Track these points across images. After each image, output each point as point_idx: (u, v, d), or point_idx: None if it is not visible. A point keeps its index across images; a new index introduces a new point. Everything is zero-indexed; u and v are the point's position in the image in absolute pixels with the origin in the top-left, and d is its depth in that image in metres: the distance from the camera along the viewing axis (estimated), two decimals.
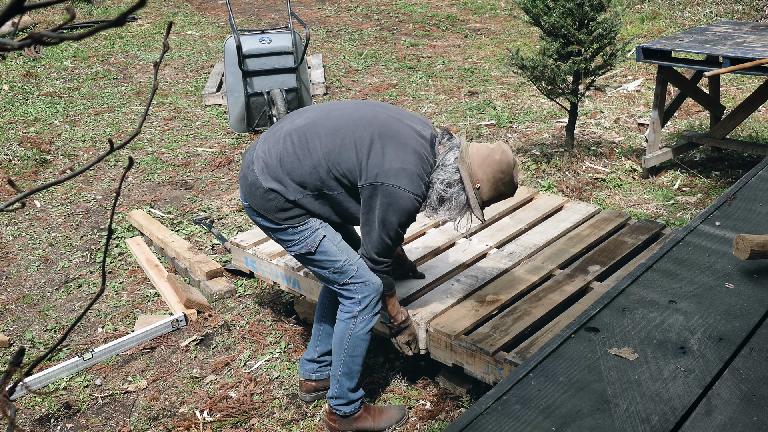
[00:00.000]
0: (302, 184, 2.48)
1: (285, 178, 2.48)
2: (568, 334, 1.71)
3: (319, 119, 2.53)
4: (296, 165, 2.47)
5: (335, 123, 2.50)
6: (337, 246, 2.58)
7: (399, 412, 2.84)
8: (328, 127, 2.49)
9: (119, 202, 5.02)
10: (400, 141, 2.43)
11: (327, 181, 2.47)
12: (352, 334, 2.63)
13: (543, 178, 4.98)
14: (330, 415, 2.78)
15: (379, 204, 2.41)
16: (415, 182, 2.40)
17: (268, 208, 2.53)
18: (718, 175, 4.96)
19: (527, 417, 1.42)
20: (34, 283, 4.06)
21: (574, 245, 3.33)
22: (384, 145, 2.41)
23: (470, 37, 9.43)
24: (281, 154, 2.50)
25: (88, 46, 9.66)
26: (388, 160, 2.39)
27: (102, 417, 2.98)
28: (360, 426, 2.76)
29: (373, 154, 2.40)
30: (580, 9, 4.57)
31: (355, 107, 2.58)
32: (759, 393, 1.47)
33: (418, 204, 2.45)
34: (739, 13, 9.07)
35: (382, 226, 2.44)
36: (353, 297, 2.60)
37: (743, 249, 1.94)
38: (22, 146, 6.03)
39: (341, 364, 2.67)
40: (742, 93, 6.47)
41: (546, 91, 4.92)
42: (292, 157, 2.48)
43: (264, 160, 2.52)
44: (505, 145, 2.49)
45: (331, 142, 2.45)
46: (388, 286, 2.63)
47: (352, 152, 2.42)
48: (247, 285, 3.90)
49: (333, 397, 2.73)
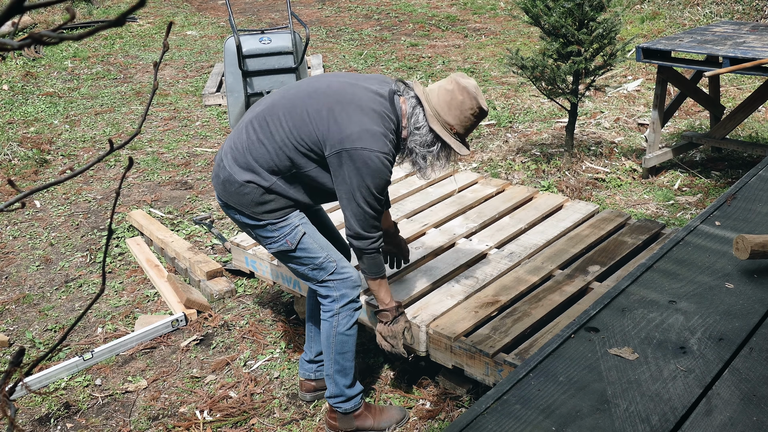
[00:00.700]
0: (273, 169, 2.45)
1: (256, 166, 2.45)
2: (568, 334, 1.71)
3: (276, 101, 2.52)
4: (263, 151, 2.45)
5: (291, 101, 2.48)
6: (317, 243, 2.57)
7: (400, 412, 2.83)
8: (285, 107, 2.47)
9: (119, 202, 5.02)
10: (357, 104, 2.40)
11: (296, 160, 2.44)
12: (337, 332, 2.62)
13: (543, 178, 4.98)
14: (330, 413, 2.78)
15: (349, 171, 2.36)
16: (380, 141, 2.37)
17: (245, 203, 2.49)
18: (718, 175, 4.96)
19: (527, 417, 1.42)
20: (34, 283, 4.06)
21: (574, 245, 3.33)
22: (341, 111, 2.38)
23: (470, 37, 9.43)
24: (247, 144, 2.48)
25: (88, 46, 9.66)
26: (348, 125, 2.36)
27: (102, 417, 2.98)
28: (360, 424, 2.76)
29: (332, 123, 2.37)
30: (580, 9, 4.57)
31: (309, 82, 2.56)
32: (759, 393, 1.47)
33: (389, 163, 2.40)
34: (739, 13, 9.07)
35: (358, 194, 2.38)
36: (331, 295, 2.59)
37: (743, 249, 1.94)
38: (22, 146, 6.03)
39: (332, 363, 2.67)
40: (742, 93, 6.47)
41: (546, 91, 4.92)
42: (257, 144, 2.46)
43: (232, 155, 2.50)
44: (461, 78, 2.45)
45: (290, 120, 2.43)
46: (378, 267, 2.53)
47: (311, 125, 2.40)
48: (247, 285, 3.89)
49: (332, 396, 2.73)
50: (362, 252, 2.49)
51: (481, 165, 5.32)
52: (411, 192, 3.98)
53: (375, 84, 2.50)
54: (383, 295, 2.60)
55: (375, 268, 2.52)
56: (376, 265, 2.52)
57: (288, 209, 2.53)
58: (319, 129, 2.39)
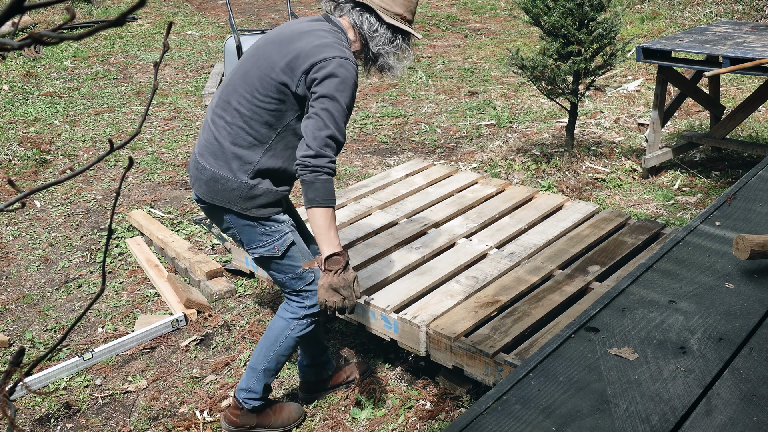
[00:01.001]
0: (254, 143, 2.38)
1: (237, 149, 2.39)
2: (568, 334, 1.71)
3: (226, 84, 2.48)
4: (236, 129, 2.39)
5: (241, 75, 2.43)
6: (302, 253, 2.54)
7: (298, 410, 2.82)
8: (238, 81, 2.43)
9: (119, 202, 5.02)
10: (300, 32, 2.39)
11: (272, 119, 2.36)
12: (290, 334, 2.60)
13: (543, 178, 4.98)
14: (234, 409, 2.72)
15: (317, 87, 2.27)
16: (338, 48, 2.32)
17: (233, 199, 2.41)
18: (718, 175, 4.96)
19: (527, 417, 1.42)
20: (34, 283, 4.06)
21: (574, 245, 3.33)
22: (289, 44, 2.36)
23: (470, 37, 9.43)
24: (218, 134, 2.42)
25: (88, 46, 9.66)
26: (304, 49, 2.31)
27: (102, 417, 2.98)
28: (261, 422, 2.73)
29: (287, 57, 2.32)
30: (580, 9, 4.57)
31: (248, 53, 2.51)
32: (759, 393, 1.47)
33: (354, 70, 2.31)
34: (739, 13, 9.07)
35: (329, 104, 2.27)
36: (303, 303, 2.58)
37: (743, 249, 1.94)
38: (22, 146, 6.03)
39: (267, 360, 2.62)
40: (742, 93, 6.47)
41: (546, 91, 4.92)
42: (229, 127, 2.40)
43: (209, 152, 2.43)
44: None
45: (248, 86, 2.38)
46: (331, 193, 2.29)
47: (269, 74, 2.34)
48: (247, 285, 3.89)
49: (245, 390, 2.67)
50: (320, 172, 2.26)
51: (481, 165, 5.32)
52: (411, 192, 3.98)
53: (308, 19, 2.51)
54: (333, 235, 2.31)
55: (329, 194, 2.28)
56: (330, 191, 2.29)
57: (276, 207, 2.48)
58: (276, 70, 2.32)
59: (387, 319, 2.87)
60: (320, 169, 2.26)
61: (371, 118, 6.48)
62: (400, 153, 5.71)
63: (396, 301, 2.91)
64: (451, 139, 5.95)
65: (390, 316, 2.85)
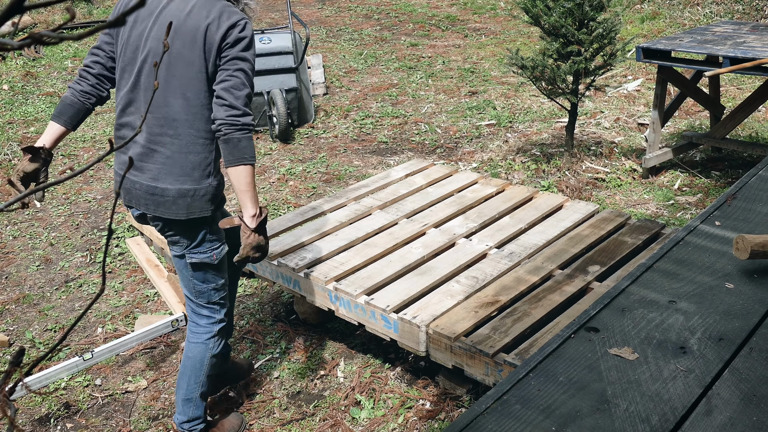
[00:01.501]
0: (205, 143, 2.37)
1: (193, 157, 2.37)
2: (568, 334, 1.71)
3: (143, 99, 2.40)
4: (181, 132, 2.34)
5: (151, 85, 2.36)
6: (225, 265, 2.58)
7: (238, 418, 2.84)
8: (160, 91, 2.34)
9: (119, 202, 5.02)
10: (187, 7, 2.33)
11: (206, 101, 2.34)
12: (212, 353, 2.62)
13: (543, 178, 4.98)
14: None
15: (227, 51, 2.29)
16: (235, 13, 2.32)
17: (204, 205, 2.40)
18: (718, 175, 4.96)
19: (527, 417, 1.42)
20: (34, 283, 4.06)
21: (574, 245, 3.33)
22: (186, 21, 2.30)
23: (470, 37, 9.43)
24: (170, 149, 2.36)
25: (88, 46, 9.65)
26: (200, 24, 2.28)
27: (102, 417, 2.98)
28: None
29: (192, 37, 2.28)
30: (580, 9, 4.57)
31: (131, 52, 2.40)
32: (759, 393, 1.47)
33: (251, 28, 2.35)
34: (739, 13, 9.07)
35: (242, 63, 2.29)
36: (213, 317, 2.60)
37: (743, 249, 1.94)
38: (22, 146, 6.03)
39: (199, 386, 2.63)
40: (742, 93, 6.47)
41: (546, 91, 4.92)
42: (171, 136, 2.35)
43: (167, 171, 2.36)
44: None
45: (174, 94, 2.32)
46: (254, 149, 2.34)
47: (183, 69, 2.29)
48: (247, 285, 3.90)
49: (188, 420, 2.66)
50: (246, 129, 2.30)
51: (481, 165, 5.32)
52: (411, 192, 3.98)
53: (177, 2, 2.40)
54: (255, 193, 2.36)
55: (254, 151, 2.34)
56: (254, 148, 2.34)
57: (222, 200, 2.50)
58: (186, 58, 2.29)
59: (387, 319, 2.87)
60: (246, 127, 2.29)
61: (371, 118, 6.48)
62: (400, 153, 5.71)
63: (396, 301, 2.91)
64: (451, 139, 5.95)
65: (390, 316, 2.85)
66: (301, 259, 3.27)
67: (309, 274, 3.15)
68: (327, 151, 5.77)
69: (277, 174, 5.35)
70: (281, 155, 5.72)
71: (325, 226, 3.58)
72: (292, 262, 3.25)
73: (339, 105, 6.89)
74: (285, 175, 5.33)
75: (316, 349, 3.34)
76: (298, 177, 5.29)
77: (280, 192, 5.05)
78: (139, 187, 2.41)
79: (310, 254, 3.31)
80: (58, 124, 2.46)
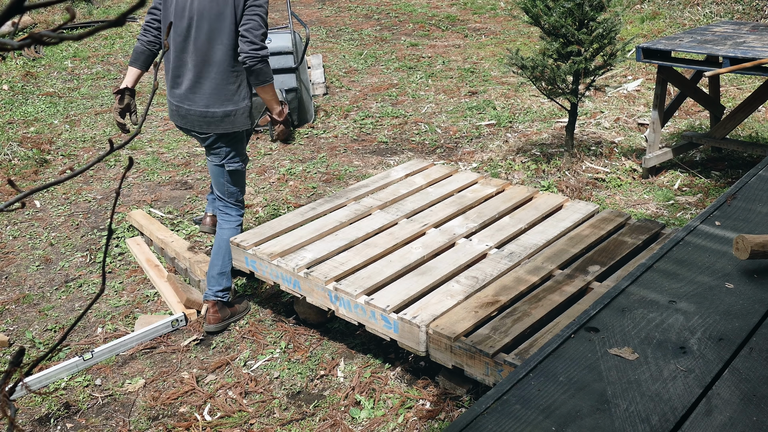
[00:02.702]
0: (239, 74, 3.23)
1: (231, 86, 3.23)
2: (568, 334, 1.71)
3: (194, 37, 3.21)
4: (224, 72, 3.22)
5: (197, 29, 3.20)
6: (245, 175, 3.53)
7: (245, 303, 3.62)
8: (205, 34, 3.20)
9: (119, 202, 5.02)
10: None
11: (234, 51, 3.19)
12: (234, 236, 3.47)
13: (543, 178, 4.98)
14: (213, 308, 3.41)
15: (249, 2, 3.11)
16: None
17: (244, 121, 3.31)
18: (718, 175, 4.96)
19: (527, 417, 1.42)
20: (34, 283, 4.06)
21: (574, 245, 3.33)
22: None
23: (470, 37, 9.43)
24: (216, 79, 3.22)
25: (88, 46, 9.66)
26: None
27: (102, 417, 2.98)
28: (233, 311, 3.52)
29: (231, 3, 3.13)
30: (580, 9, 4.56)
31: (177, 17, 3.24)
32: (759, 393, 1.47)
33: None
34: (739, 13, 9.07)
35: (258, 9, 3.12)
36: (241, 210, 3.52)
37: (743, 249, 1.94)
38: (22, 146, 6.03)
39: (228, 263, 3.46)
40: (742, 93, 6.47)
41: (546, 91, 4.92)
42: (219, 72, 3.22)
43: (215, 97, 3.21)
44: None
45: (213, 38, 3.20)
46: (269, 72, 3.21)
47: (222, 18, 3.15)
48: (247, 285, 3.90)
49: (221, 290, 3.43)
50: (265, 60, 3.14)
51: (481, 165, 5.32)
52: (411, 192, 3.98)
53: None
54: (277, 98, 3.35)
55: (270, 73, 3.22)
56: (270, 70, 3.22)
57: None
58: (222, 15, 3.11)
59: (387, 319, 2.87)
60: (264, 58, 3.15)
61: (371, 118, 6.48)
62: (400, 153, 5.71)
63: (396, 301, 2.91)
64: (451, 139, 5.95)
65: (390, 316, 2.85)
66: (301, 259, 3.27)
67: (309, 274, 3.15)
68: (327, 151, 5.77)
69: (277, 174, 5.35)
70: (281, 155, 5.72)
71: (325, 226, 3.58)
72: (292, 262, 3.25)
73: (339, 105, 6.89)
74: (285, 175, 5.33)
75: (316, 349, 3.34)
76: (298, 177, 5.29)
77: (280, 192, 5.05)
78: (193, 113, 3.27)
79: (310, 254, 3.31)
80: (135, 68, 3.33)
